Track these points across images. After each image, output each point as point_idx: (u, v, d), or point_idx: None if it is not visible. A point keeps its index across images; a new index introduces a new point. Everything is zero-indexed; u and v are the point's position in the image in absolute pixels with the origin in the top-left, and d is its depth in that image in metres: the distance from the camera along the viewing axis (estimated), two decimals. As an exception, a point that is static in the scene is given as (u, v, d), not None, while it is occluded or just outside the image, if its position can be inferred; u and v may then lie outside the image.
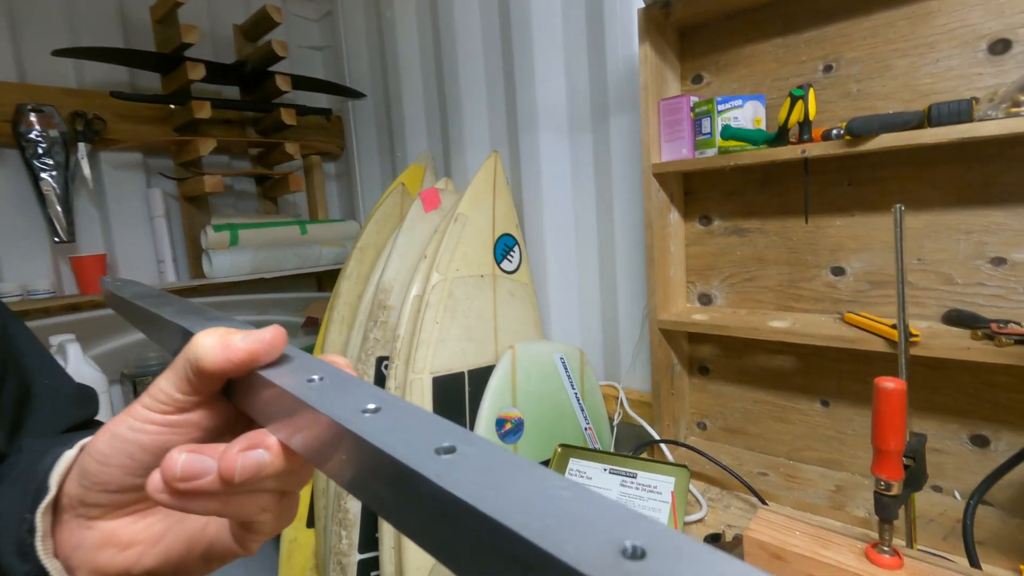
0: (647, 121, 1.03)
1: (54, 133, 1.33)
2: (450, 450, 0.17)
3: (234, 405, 0.27)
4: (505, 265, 1.32)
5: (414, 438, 0.18)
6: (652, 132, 1.03)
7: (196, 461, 0.23)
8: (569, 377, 1.26)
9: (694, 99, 1.00)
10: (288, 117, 1.64)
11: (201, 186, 1.50)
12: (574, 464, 0.99)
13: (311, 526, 1.38)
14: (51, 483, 0.27)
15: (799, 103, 0.85)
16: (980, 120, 0.73)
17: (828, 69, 0.93)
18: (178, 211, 1.62)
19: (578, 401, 1.25)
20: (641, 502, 0.90)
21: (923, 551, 0.64)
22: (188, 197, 1.58)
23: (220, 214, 1.66)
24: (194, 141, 1.48)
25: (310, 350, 1.34)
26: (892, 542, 0.58)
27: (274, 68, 1.63)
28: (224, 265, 1.54)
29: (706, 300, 1.15)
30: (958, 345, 0.77)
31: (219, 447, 0.24)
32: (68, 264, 1.43)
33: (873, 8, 0.88)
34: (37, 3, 1.40)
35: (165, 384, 0.26)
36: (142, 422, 0.25)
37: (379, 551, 1.15)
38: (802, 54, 0.96)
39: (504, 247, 1.33)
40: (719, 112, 0.96)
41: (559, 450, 1.02)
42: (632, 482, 0.93)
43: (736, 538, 0.83)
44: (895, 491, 0.55)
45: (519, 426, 1.18)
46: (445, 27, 1.53)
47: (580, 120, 1.30)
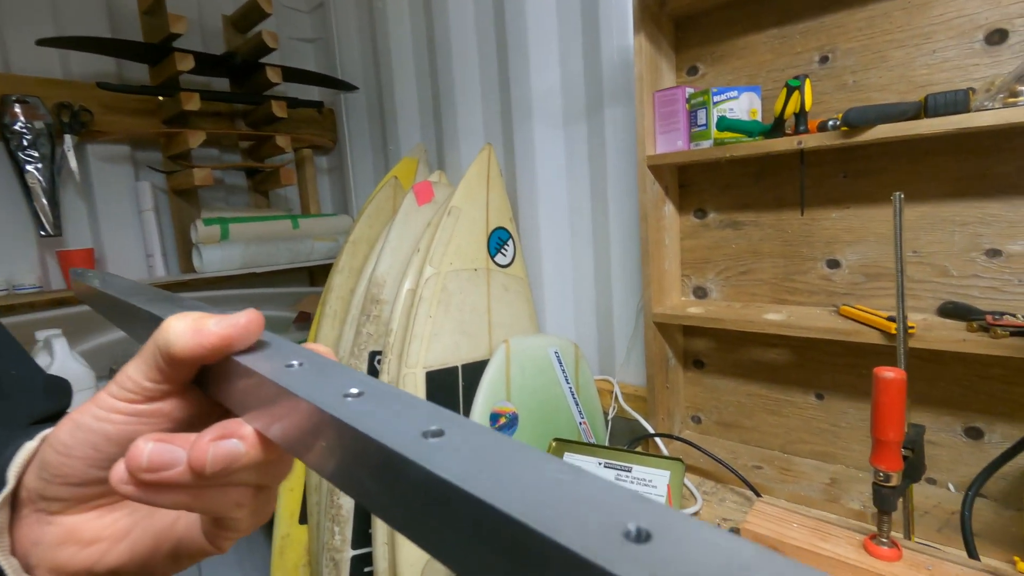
0: (642, 113, 1.02)
1: (39, 125, 1.31)
2: (438, 433, 0.16)
3: (208, 395, 0.25)
4: (499, 259, 1.31)
5: (400, 422, 0.17)
6: (647, 124, 1.02)
7: (164, 451, 0.22)
8: (564, 371, 1.25)
9: (689, 90, 0.99)
10: (279, 110, 1.62)
11: (190, 179, 1.47)
12: (569, 458, 0.99)
13: (304, 522, 1.37)
14: (9, 476, 0.26)
15: (795, 94, 0.84)
16: (977, 110, 0.72)
17: (824, 60, 0.93)
18: (167, 205, 1.60)
19: (573, 395, 1.25)
20: (636, 496, 0.90)
21: (920, 543, 0.64)
22: (177, 190, 1.56)
23: (210, 208, 1.64)
24: (183, 133, 1.46)
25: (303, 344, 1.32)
26: (891, 534, 0.58)
27: (264, 60, 1.61)
28: (214, 259, 1.52)
29: (701, 293, 1.14)
30: (954, 337, 0.77)
31: (189, 436, 0.22)
32: (55, 258, 1.41)
33: (869, -2, 0.87)
34: (21, -8, 1.37)
35: (133, 371, 0.24)
36: (107, 411, 0.24)
37: (372, 547, 1.14)
38: (798, 45, 0.95)
39: (498, 240, 1.32)
40: (715, 103, 0.95)
41: (554, 444, 1.01)
42: (627, 476, 0.92)
43: (733, 531, 0.83)
44: (894, 482, 0.55)
45: (513, 420, 1.17)
46: (438, 18, 1.52)
47: (575, 112, 1.29)
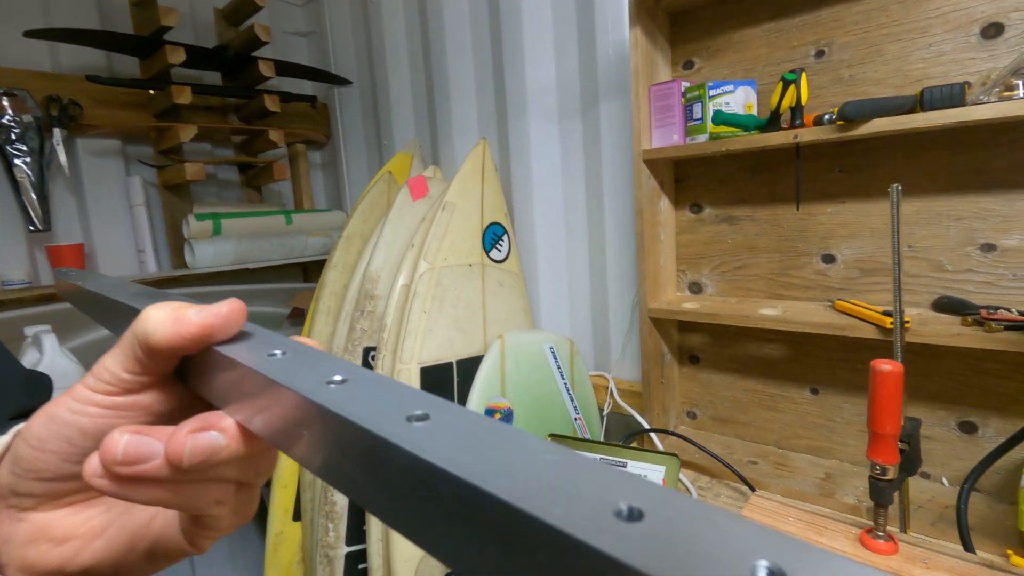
0: (637, 107, 1.01)
1: (28, 118, 1.29)
2: (423, 417, 0.16)
3: (190, 388, 0.24)
4: (494, 254, 1.31)
5: (384, 407, 0.16)
6: (642, 118, 1.02)
7: (140, 443, 0.21)
8: (559, 367, 1.24)
9: (685, 84, 0.99)
10: (272, 104, 1.60)
11: (182, 174, 1.46)
12: (564, 454, 0.98)
13: (297, 519, 1.36)
14: None
15: (791, 87, 0.84)
16: (972, 104, 0.72)
17: (820, 54, 0.93)
18: (158, 200, 1.58)
19: (568, 391, 1.24)
20: (632, 491, 0.89)
21: (916, 537, 0.64)
22: (168, 185, 1.54)
23: (202, 203, 1.63)
24: (174, 127, 1.44)
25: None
26: (887, 527, 0.57)
27: (257, 54, 1.60)
28: (207, 255, 1.51)
29: (696, 289, 1.14)
30: (948, 331, 0.77)
31: (167, 429, 0.21)
32: (44, 253, 1.39)
33: (866, -8, 0.87)
34: (8, -17, 1.35)
35: (110, 362, 0.23)
36: (83, 403, 0.23)
37: (367, 543, 1.14)
38: (793, 39, 0.95)
39: (493, 236, 1.31)
40: (710, 97, 0.95)
41: (549, 440, 1.01)
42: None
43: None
44: (890, 475, 0.55)
45: (508, 416, 1.17)
46: (432, 12, 1.51)
47: (570, 106, 1.28)
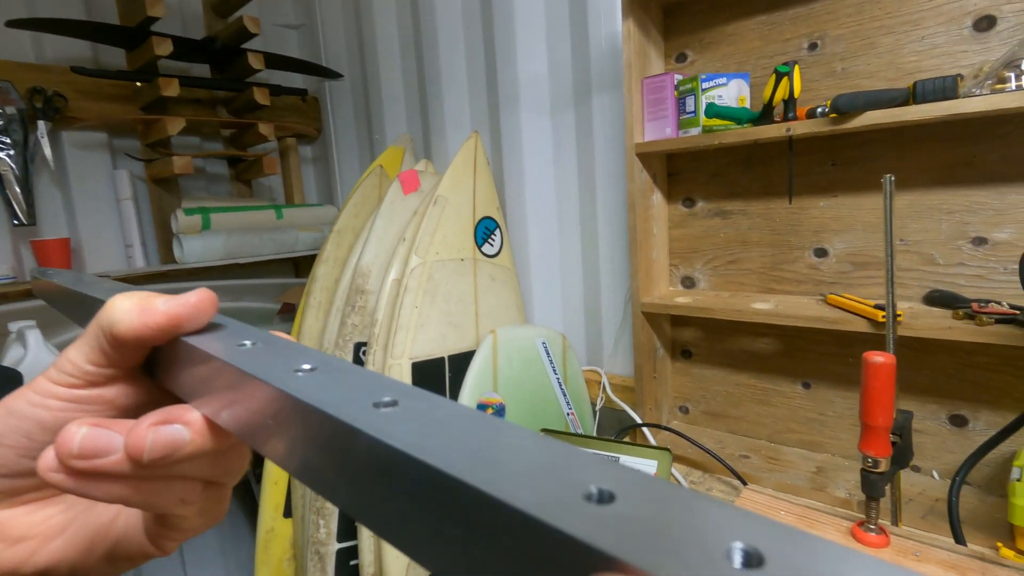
0: (630, 100, 1.01)
1: (11, 110, 1.27)
2: (391, 404, 0.15)
3: (159, 382, 0.23)
4: (486, 249, 1.30)
5: (352, 394, 0.16)
6: (635, 111, 1.01)
7: (99, 436, 0.20)
8: (551, 362, 1.24)
9: (678, 77, 0.98)
10: (261, 97, 1.58)
11: (170, 167, 1.44)
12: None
13: (288, 516, 1.35)
14: None
15: (784, 80, 0.84)
16: (965, 97, 0.72)
17: (813, 47, 0.92)
18: (146, 194, 1.56)
19: (560, 386, 1.24)
20: (624, 486, 0.89)
21: (907, 530, 0.64)
22: (156, 179, 1.52)
23: (191, 197, 1.61)
24: (162, 120, 1.42)
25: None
26: (878, 520, 0.57)
27: (246, 46, 1.57)
28: (196, 250, 1.49)
29: (689, 283, 1.14)
30: (940, 325, 0.77)
31: (129, 422, 0.20)
32: (29, 248, 1.37)
33: (859, -16, 0.87)
34: (-10, -28, 1.32)
35: (74, 354, 0.22)
36: (43, 396, 0.22)
37: (358, 540, 1.13)
38: (787, 31, 0.94)
39: (485, 230, 1.30)
40: (703, 90, 0.94)
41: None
42: (615, 466, 0.92)
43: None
44: (882, 468, 0.55)
45: (500, 411, 1.16)
46: (424, 4, 1.49)
47: (562, 99, 1.27)
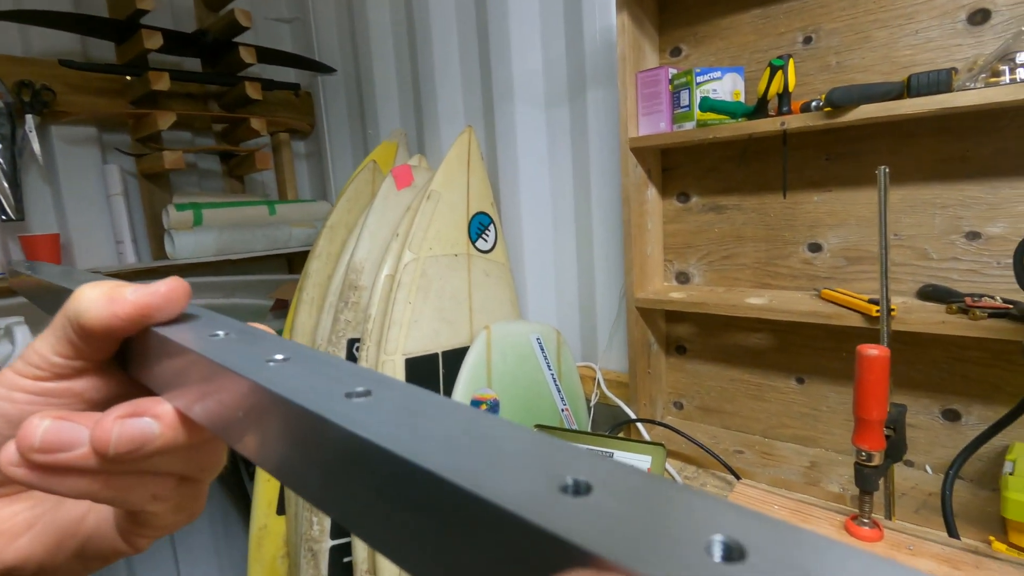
0: (625, 94, 1.00)
1: (-2, 103, 1.25)
2: (364, 394, 0.15)
3: (131, 375, 0.23)
4: (480, 244, 1.29)
5: (324, 385, 0.15)
6: (630, 105, 1.01)
7: (62, 429, 0.19)
8: (546, 358, 1.24)
9: (672, 71, 0.98)
10: (253, 91, 1.57)
11: (161, 162, 1.42)
12: (550, 444, 0.98)
13: (281, 513, 1.34)
14: None
15: (779, 74, 0.83)
16: (959, 90, 0.72)
17: (807, 41, 0.92)
18: (137, 189, 1.55)
19: (555, 382, 1.24)
20: (618, 481, 0.89)
21: (900, 524, 0.64)
22: (147, 174, 1.51)
23: (183, 193, 1.59)
24: (152, 114, 1.40)
25: (279, 334, 1.29)
26: (872, 514, 0.57)
27: (238, 39, 1.56)
28: (188, 246, 1.48)
29: (683, 278, 1.14)
30: (933, 319, 0.77)
31: (96, 415, 0.20)
32: (18, 244, 1.35)
33: (853, -23, 0.86)
34: (-24, -37, 1.30)
35: (40, 345, 0.21)
36: (8, 389, 0.21)
37: (351, 537, 1.13)
38: (781, 25, 0.94)
39: (479, 226, 1.29)
40: (698, 84, 0.94)
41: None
42: (609, 461, 0.92)
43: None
44: (876, 462, 0.55)
45: (495, 407, 1.16)
46: (417, -2, 1.48)
47: (557, 94, 1.27)
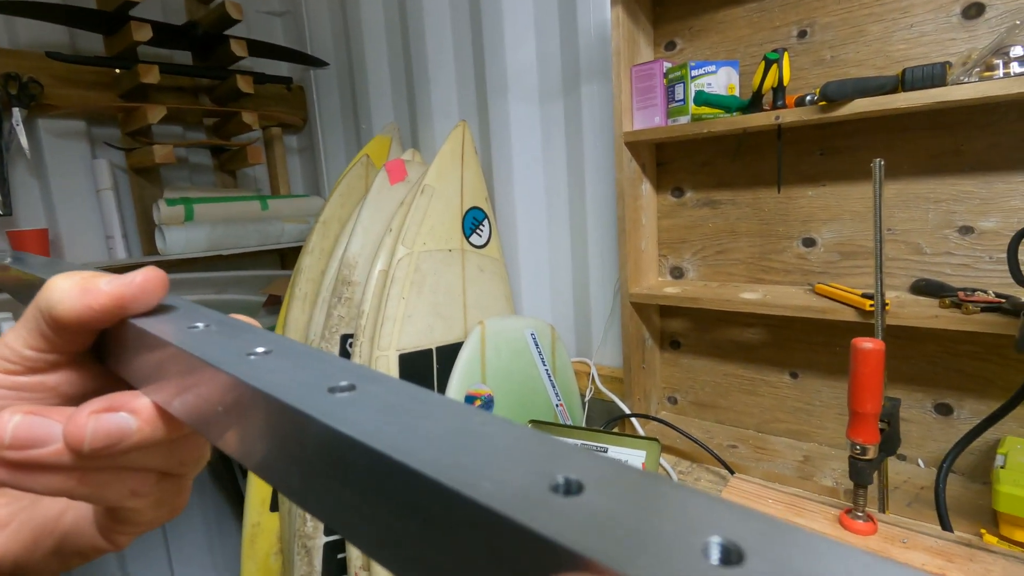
0: (619, 88, 1.00)
1: (-16, 96, 1.23)
2: (348, 388, 0.14)
3: (109, 368, 0.22)
4: (474, 239, 1.29)
5: (307, 378, 0.15)
6: (624, 99, 1.00)
7: (34, 425, 0.19)
8: (540, 353, 1.23)
9: (667, 65, 0.97)
10: (245, 85, 1.55)
11: (151, 157, 1.41)
12: (545, 440, 0.97)
13: (275, 510, 1.34)
14: None
15: (773, 67, 0.83)
16: (953, 84, 0.72)
17: (802, 35, 0.92)
18: (127, 183, 1.53)
19: (549, 377, 1.23)
20: (612, 476, 0.89)
21: (893, 517, 0.64)
22: (137, 169, 1.49)
23: (174, 187, 1.58)
24: (142, 108, 1.39)
25: (272, 330, 1.28)
26: (866, 508, 0.57)
27: (229, 32, 1.54)
28: (179, 241, 1.46)
29: (678, 273, 1.14)
30: (926, 313, 0.77)
31: (69, 410, 0.19)
32: (5, 239, 1.33)
33: (848, -29, 0.86)
34: (-39, -47, 1.28)
35: (12, 338, 0.21)
36: None
37: (345, 533, 1.12)
38: (776, 19, 0.94)
39: (473, 221, 1.29)
40: (692, 78, 0.93)
41: (529, 426, 1.00)
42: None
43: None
44: (870, 455, 0.55)
45: (489, 403, 1.15)
46: (410, -9, 1.47)
47: (551, 88, 1.26)
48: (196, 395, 0.17)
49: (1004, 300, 0.73)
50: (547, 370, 1.23)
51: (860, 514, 0.57)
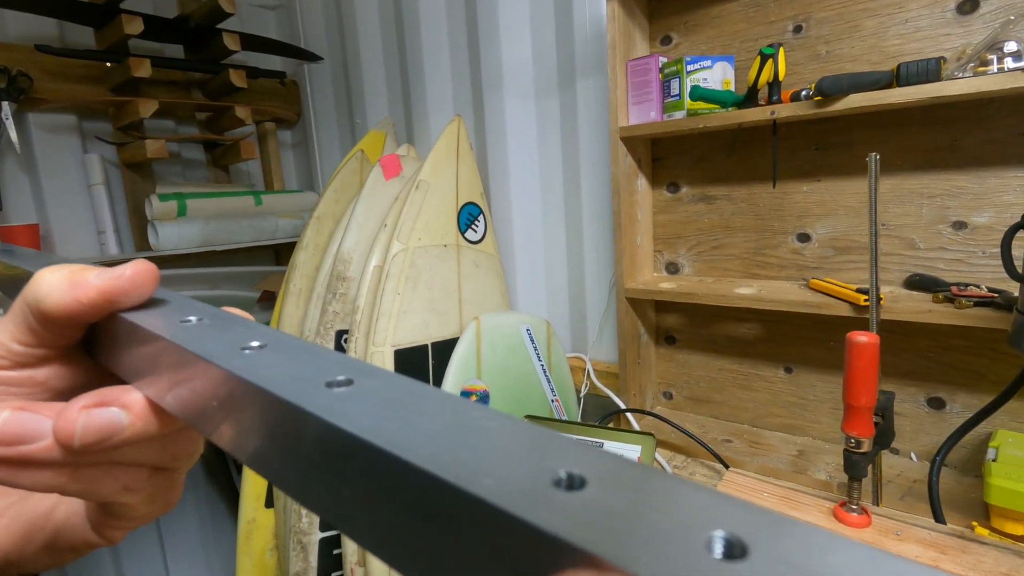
0: (615, 82, 0.99)
1: (-27, 90, 1.22)
2: (345, 383, 0.14)
3: (99, 362, 0.22)
4: (469, 235, 1.28)
5: (302, 373, 0.15)
6: (620, 94, 1.00)
7: (23, 420, 0.18)
8: (536, 349, 1.23)
9: (663, 60, 0.97)
10: (238, 79, 1.54)
11: (143, 151, 1.39)
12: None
13: (270, 506, 1.33)
14: None
15: (769, 62, 0.83)
16: (948, 79, 0.72)
17: (798, 30, 0.92)
18: (119, 178, 1.52)
19: (545, 373, 1.23)
20: (608, 471, 0.89)
21: (887, 510, 0.65)
22: (129, 163, 1.48)
23: (167, 183, 1.56)
24: (133, 102, 1.37)
25: (267, 325, 1.27)
26: (860, 501, 0.58)
27: (221, 26, 1.53)
28: (171, 237, 1.45)
29: (673, 269, 1.14)
30: (920, 308, 0.77)
31: (59, 405, 0.19)
32: (-5, 234, 1.32)
33: (844, -34, 0.86)
34: (-53, -56, 1.26)
35: (0, 333, 0.20)
36: None
37: (341, 529, 1.12)
38: (772, 14, 0.94)
39: (468, 216, 1.28)
40: (688, 73, 0.93)
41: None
42: (599, 451, 0.92)
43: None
44: (865, 448, 0.55)
45: (484, 399, 1.15)
46: (405, -15, 1.46)
47: (547, 83, 1.26)
48: (190, 390, 0.17)
49: (997, 295, 0.74)
50: (542, 365, 1.24)
51: (854, 507, 0.58)
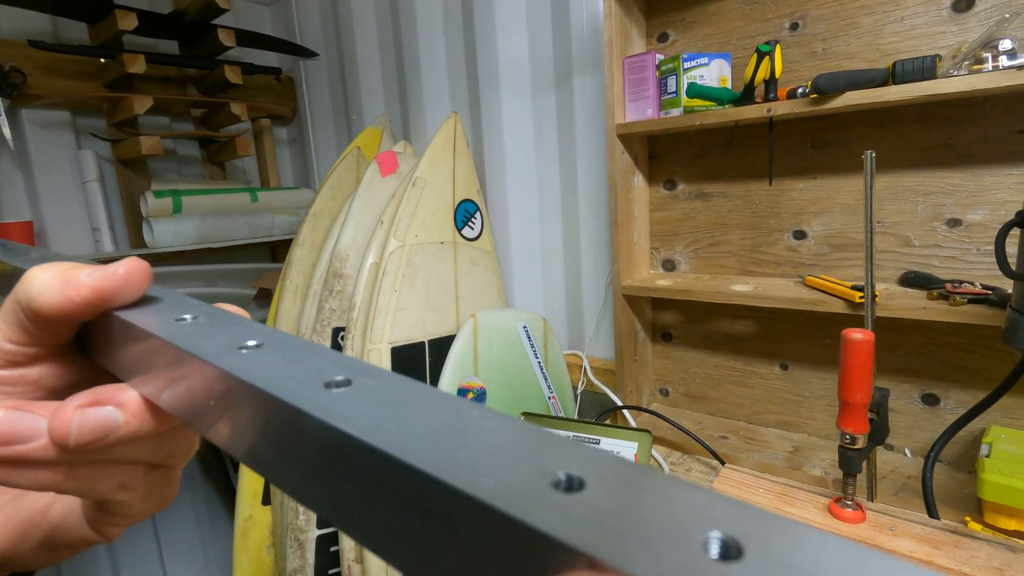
0: (611, 79, 0.99)
1: (-35, 86, 1.21)
2: (344, 383, 0.14)
3: (93, 360, 0.22)
4: (466, 232, 1.28)
5: (301, 373, 0.15)
6: (616, 91, 1.00)
7: (17, 420, 0.18)
8: (532, 346, 1.23)
9: (660, 57, 0.97)
10: (233, 75, 1.53)
11: (137, 148, 1.39)
12: (537, 432, 0.98)
13: (267, 503, 1.33)
14: None
15: (765, 60, 0.83)
16: (943, 77, 0.72)
17: (794, 27, 0.92)
18: (114, 175, 1.51)
19: (541, 370, 1.24)
20: (604, 467, 0.89)
21: (882, 506, 0.65)
22: (124, 160, 1.47)
23: (162, 179, 1.56)
24: (128, 98, 1.37)
25: (263, 323, 1.27)
26: (855, 496, 0.58)
27: (216, 22, 1.52)
28: (167, 234, 1.45)
29: (670, 266, 1.14)
30: (914, 305, 0.78)
31: (54, 404, 0.19)
32: (-11, 231, 1.31)
33: (840, -37, 0.86)
34: (-61, -62, 1.25)
35: None
36: None
37: (338, 526, 1.12)
38: (768, 11, 0.94)
39: (465, 213, 1.28)
40: (685, 70, 0.93)
41: (522, 418, 1.00)
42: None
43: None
44: (860, 444, 0.55)
45: (481, 395, 1.15)
46: (401, -19, 1.45)
47: (543, 80, 1.26)
48: (187, 389, 0.17)
49: (991, 292, 0.74)
50: (539, 362, 1.24)
51: (849, 503, 0.58)
